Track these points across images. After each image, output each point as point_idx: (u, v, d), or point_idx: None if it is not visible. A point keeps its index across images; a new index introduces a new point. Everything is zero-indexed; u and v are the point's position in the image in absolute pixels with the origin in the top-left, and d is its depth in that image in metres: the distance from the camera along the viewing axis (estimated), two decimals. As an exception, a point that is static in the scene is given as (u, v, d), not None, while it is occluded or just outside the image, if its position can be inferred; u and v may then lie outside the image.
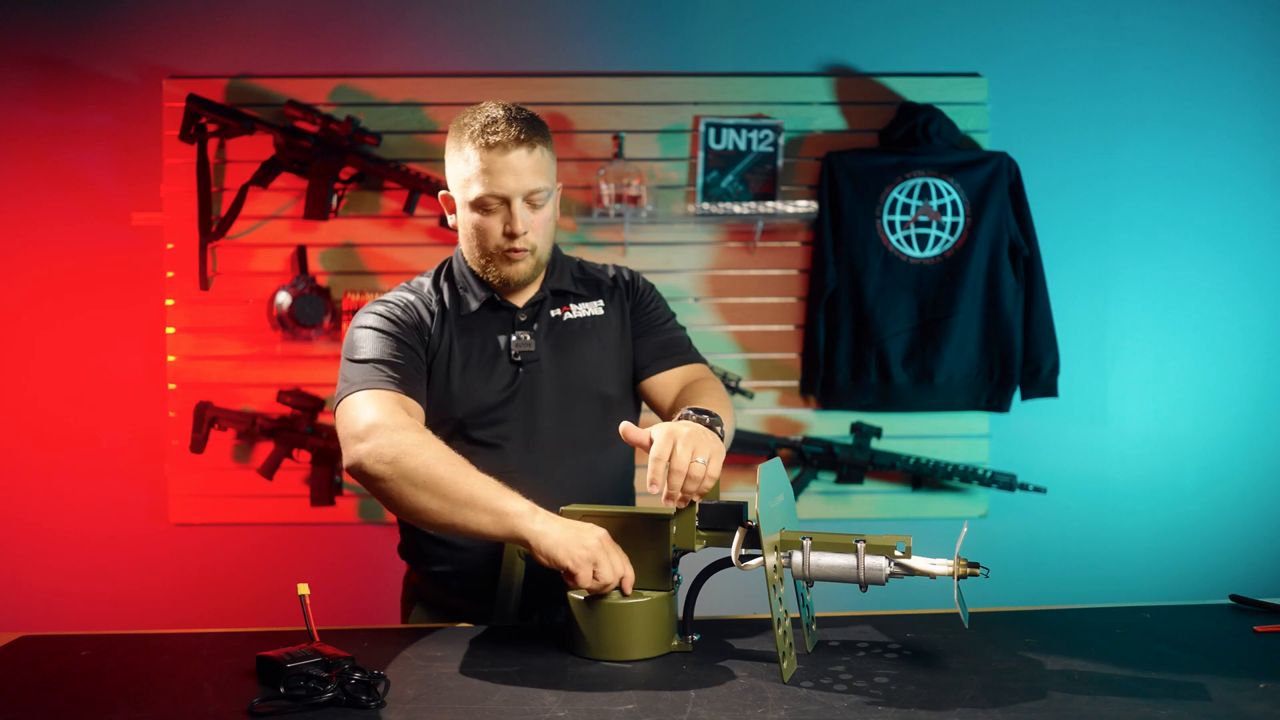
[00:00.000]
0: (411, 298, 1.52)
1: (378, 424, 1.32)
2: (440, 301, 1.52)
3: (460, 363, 1.49)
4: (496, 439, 1.49)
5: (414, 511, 1.29)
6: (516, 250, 1.45)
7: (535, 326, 1.53)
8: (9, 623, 2.19)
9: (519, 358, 1.50)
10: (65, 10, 2.66)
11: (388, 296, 1.52)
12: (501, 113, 1.43)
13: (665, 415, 1.56)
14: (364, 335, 1.45)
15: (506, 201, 1.42)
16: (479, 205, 1.43)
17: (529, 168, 1.42)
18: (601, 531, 1.26)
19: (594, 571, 1.22)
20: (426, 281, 1.56)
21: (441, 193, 1.52)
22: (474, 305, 1.51)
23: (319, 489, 2.61)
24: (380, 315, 1.47)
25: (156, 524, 2.69)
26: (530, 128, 1.43)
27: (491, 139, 1.40)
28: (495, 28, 2.70)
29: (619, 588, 1.25)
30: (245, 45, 2.67)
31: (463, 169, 1.43)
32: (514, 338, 1.51)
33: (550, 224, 1.50)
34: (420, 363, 1.47)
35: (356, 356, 1.43)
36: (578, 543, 1.23)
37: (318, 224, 2.64)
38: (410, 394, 1.41)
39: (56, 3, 2.66)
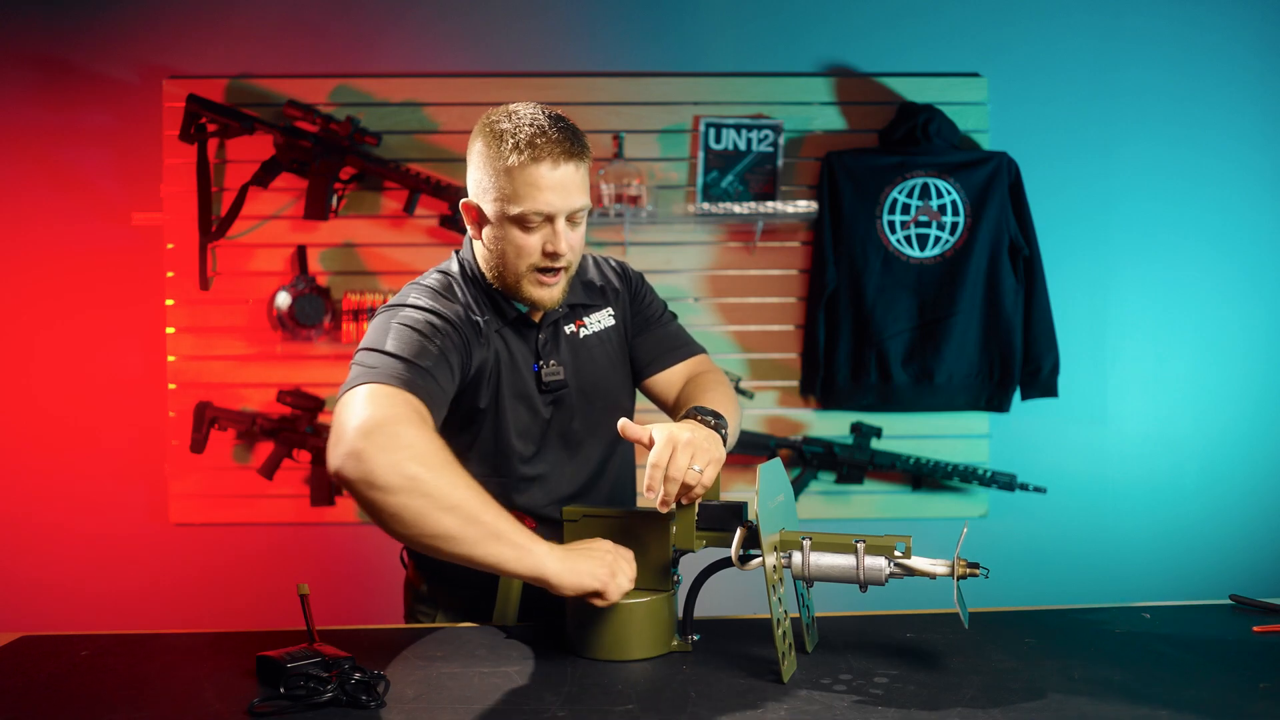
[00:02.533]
0: (454, 308, 1.37)
1: (400, 422, 1.14)
2: (482, 315, 1.41)
3: (504, 392, 1.42)
4: (540, 472, 1.46)
5: (430, 534, 1.12)
6: (554, 271, 1.36)
7: (557, 348, 1.47)
8: (9, 623, 2.19)
9: (549, 386, 1.44)
10: (65, 10, 2.66)
11: (432, 304, 1.35)
12: (547, 121, 1.32)
13: (670, 410, 1.55)
14: (402, 332, 1.28)
15: (550, 219, 1.33)
16: (519, 221, 1.33)
17: (577, 184, 1.33)
18: (605, 542, 1.26)
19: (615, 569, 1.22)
20: (458, 290, 1.42)
21: (464, 201, 1.40)
22: (497, 326, 1.42)
23: (319, 489, 2.61)
24: (426, 313, 1.32)
25: (156, 524, 2.69)
26: (578, 139, 1.34)
27: (542, 150, 1.29)
28: (495, 28, 2.70)
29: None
30: (245, 45, 2.67)
31: (503, 182, 1.31)
32: (540, 365, 1.44)
33: (582, 242, 1.41)
34: (451, 386, 1.32)
35: (386, 348, 1.25)
36: (597, 563, 1.21)
37: (318, 224, 2.63)
38: (434, 410, 1.24)
39: (56, 3, 2.66)
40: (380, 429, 1.13)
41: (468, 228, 1.42)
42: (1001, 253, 2.61)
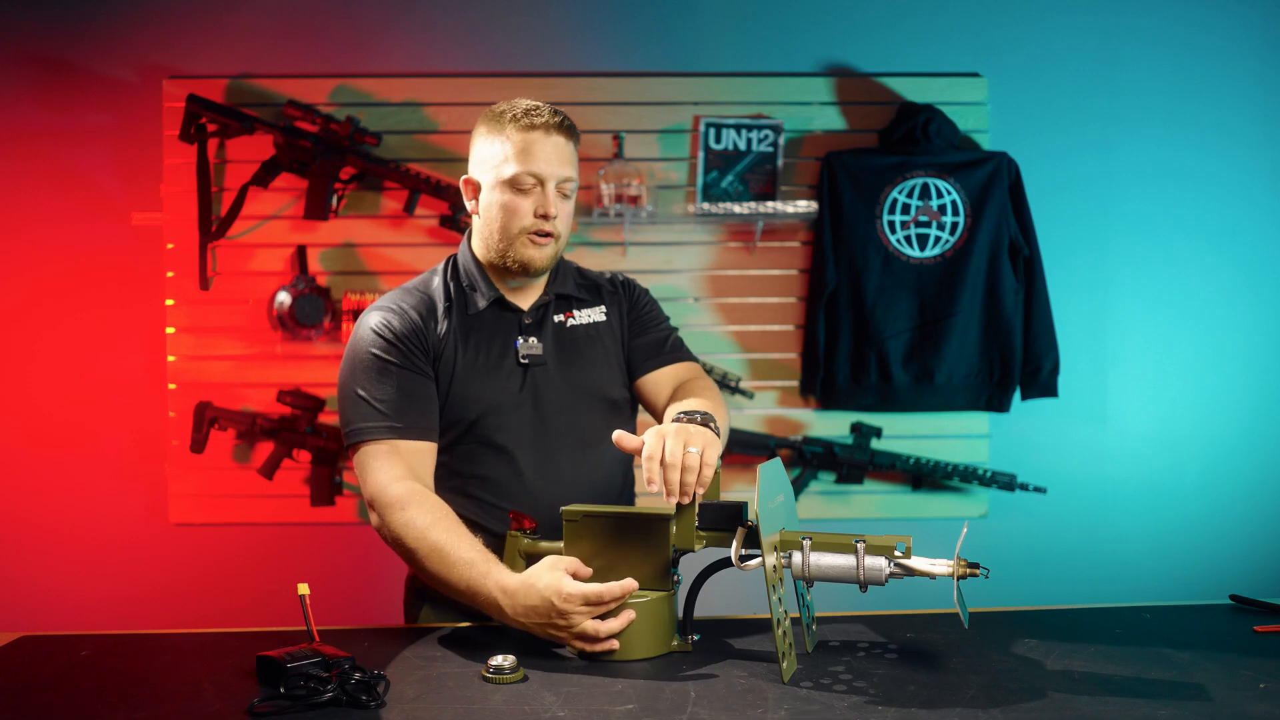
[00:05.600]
0: (413, 299, 1.52)
1: (381, 498, 1.37)
2: (448, 299, 1.53)
3: (467, 363, 1.50)
4: (506, 441, 1.49)
5: (426, 580, 1.37)
6: (544, 234, 1.47)
7: (541, 331, 1.54)
8: (9, 623, 2.19)
9: (526, 361, 1.51)
10: (65, 10, 2.66)
11: (389, 301, 1.51)
12: (543, 103, 1.50)
13: (658, 414, 1.57)
14: (366, 363, 1.45)
15: (541, 183, 1.46)
16: (513, 184, 1.45)
17: (566, 156, 1.47)
18: (552, 587, 1.21)
19: (572, 631, 1.22)
20: (435, 279, 1.56)
21: (463, 177, 1.53)
22: (481, 304, 1.52)
23: (319, 489, 2.61)
24: (379, 335, 1.46)
25: (156, 524, 2.69)
26: (570, 121, 1.50)
27: (535, 120, 1.45)
28: (495, 28, 2.70)
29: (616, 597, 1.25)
30: (245, 45, 2.67)
31: (497, 150, 1.46)
32: (521, 341, 1.52)
33: (570, 220, 1.54)
34: (425, 379, 1.47)
35: (359, 391, 1.43)
36: (535, 623, 1.24)
37: (318, 224, 2.63)
38: (415, 434, 1.43)
39: (56, 3, 2.66)
40: (374, 502, 1.39)
41: (466, 204, 1.54)
42: (1001, 253, 2.61)
